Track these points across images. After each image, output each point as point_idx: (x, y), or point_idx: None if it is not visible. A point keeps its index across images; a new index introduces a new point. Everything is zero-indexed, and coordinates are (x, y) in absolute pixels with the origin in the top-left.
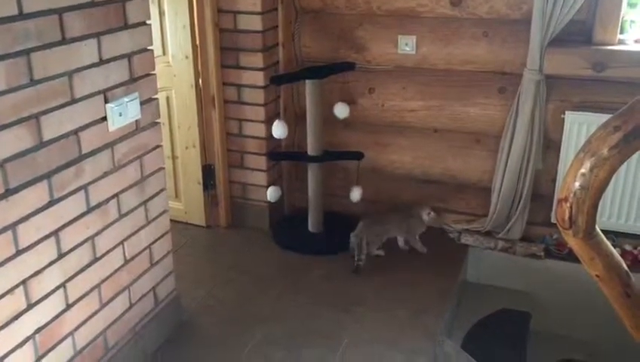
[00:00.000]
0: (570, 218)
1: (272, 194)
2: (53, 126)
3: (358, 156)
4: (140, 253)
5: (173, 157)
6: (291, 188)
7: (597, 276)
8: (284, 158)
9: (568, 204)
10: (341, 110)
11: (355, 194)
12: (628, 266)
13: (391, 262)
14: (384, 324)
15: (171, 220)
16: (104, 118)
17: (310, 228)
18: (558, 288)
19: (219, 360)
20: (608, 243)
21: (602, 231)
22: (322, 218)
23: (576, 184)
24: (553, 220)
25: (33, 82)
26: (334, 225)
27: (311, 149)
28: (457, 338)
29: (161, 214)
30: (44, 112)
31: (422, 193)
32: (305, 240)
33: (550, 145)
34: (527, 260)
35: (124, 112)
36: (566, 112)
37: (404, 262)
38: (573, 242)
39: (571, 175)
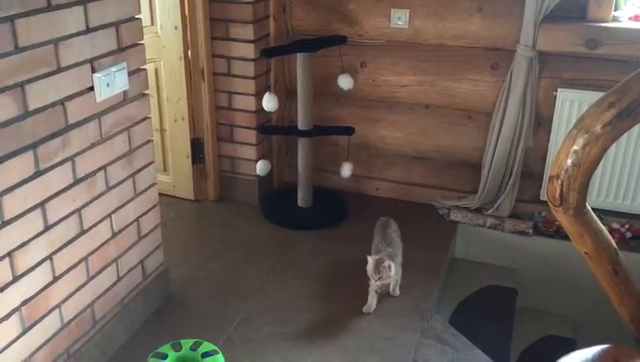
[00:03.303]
0: (560, 195)
1: (261, 168)
2: (39, 95)
3: (349, 131)
4: (127, 225)
5: (162, 130)
6: (281, 162)
7: (586, 253)
8: (274, 132)
9: (559, 181)
10: (346, 81)
11: (346, 169)
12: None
13: None
14: None
15: (160, 194)
16: (91, 88)
17: (299, 202)
18: (545, 265)
19: (207, 333)
20: (598, 221)
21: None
22: (311, 193)
23: (568, 161)
24: (542, 198)
25: (18, 50)
26: (323, 201)
27: (301, 124)
28: (445, 313)
29: (149, 187)
30: (29, 81)
31: (412, 169)
32: (294, 214)
33: (541, 123)
34: (516, 237)
35: (111, 82)
36: (558, 89)
37: None
38: (563, 219)
39: (563, 152)
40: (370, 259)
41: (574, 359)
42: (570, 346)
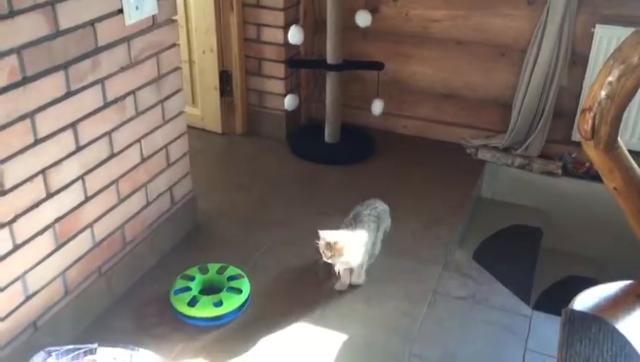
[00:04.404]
0: (592, 128)
1: (289, 102)
2: (70, 14)
3: (379, 66)
4: (156, 152)
5: (190, 62)
6: (309, 97)
7: (615, 189)
8: (303, 66)
9: (592, 114)
10: (363, 18)
11: (377, 106)
12: None
13: (405, 174)
14: (396, 233)
15: (188, 126)
16: (120, 11)
17: (326, 138)
18: (572, 206)
19: (233, 260)
20: (629, 157)
21: None
22: (339, 129)
23: (602, 93)
24: (574, 138)
25: None
26: (350, 137)
27: (330, 57)
28: (469, 250)
29: (177, 115)
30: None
31: (441, 107)
32: (320, 150)
33: (577, 61)
34: (544, 178)
35: (140, 6)
36: (596, 26)
37: (418, 175)
38: (593, 153)
39: (598, 83)
40: (323, 235)
41: (596, 293)
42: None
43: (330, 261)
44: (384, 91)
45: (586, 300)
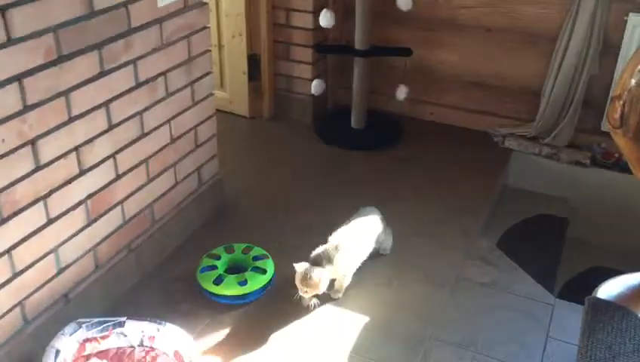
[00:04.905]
0: (621, 117)
1: (316, 87)
2: None
3: (407, 52)
4: (185, 133)
5: (220, 46)
6: (335, 82)
7: None
8: (331, 51)
9: (621, 102)
10: (404, 1)
11: (402, 92)
12: None
13: (431, 161)
14: (420, 219)
15: (216, 110)
16: None
17: (353, 123)
18: (599, 197)
19: (258, 241)
20: None
21: None
22: (365, 114)
23: (632, 81)
24: (604, 128)
25: None
26: (376, 123)
27: (358, 43)
28: (493, 238)
29: (206, 97)
30: None
31: (469, 95)
32: (347, 135)
33: (608, 50)
34: (571, 168)
35: None
36: (629, 14)
37: (444, 162)
38: (622, 142)
39: (628, 71)
40: (298, 268)
41: (620, 282)
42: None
43: (305, 295)
44: (411, 78)
45: (609, 289)
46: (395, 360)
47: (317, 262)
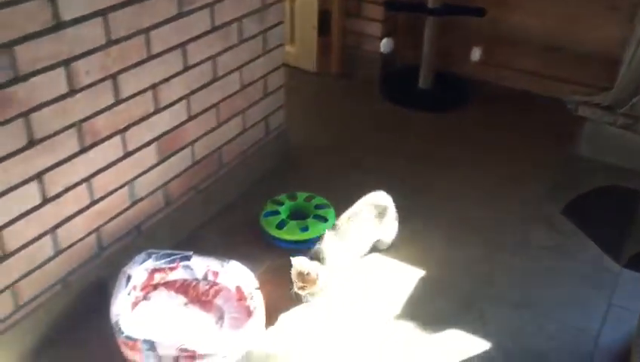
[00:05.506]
0: None
1: (385, 45)
2: None
3: (480, 12)
4: (255, 81)
5: (292, 0)
6: (405, 42)
7: None
8: (402, 9)
9: None
10: None
11: (475, 53)
12: None
13: (499, 125)
14: (485, 183)
15: (284, 64)
16: None
17: (420, 83)
18: None
19: (321, 192)
20: None
21: None
22: (434, 75)
23: None
24: None
25: None
26: (445, 84)
27: (430, 1)
28: (559, 205)
29: (277, 47)
30: None
31: (543, 60)
32: (413, 95)
33: None
34: None
35: None
36: None
37: (512, 128)
38: None
39: None
40: (295, 263)
41: None
42: None
43: (300, 291)
44: (483, 39)
45: None
46: (449, 315)
47: (316, 257)
